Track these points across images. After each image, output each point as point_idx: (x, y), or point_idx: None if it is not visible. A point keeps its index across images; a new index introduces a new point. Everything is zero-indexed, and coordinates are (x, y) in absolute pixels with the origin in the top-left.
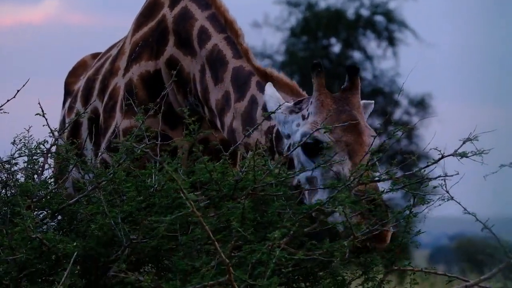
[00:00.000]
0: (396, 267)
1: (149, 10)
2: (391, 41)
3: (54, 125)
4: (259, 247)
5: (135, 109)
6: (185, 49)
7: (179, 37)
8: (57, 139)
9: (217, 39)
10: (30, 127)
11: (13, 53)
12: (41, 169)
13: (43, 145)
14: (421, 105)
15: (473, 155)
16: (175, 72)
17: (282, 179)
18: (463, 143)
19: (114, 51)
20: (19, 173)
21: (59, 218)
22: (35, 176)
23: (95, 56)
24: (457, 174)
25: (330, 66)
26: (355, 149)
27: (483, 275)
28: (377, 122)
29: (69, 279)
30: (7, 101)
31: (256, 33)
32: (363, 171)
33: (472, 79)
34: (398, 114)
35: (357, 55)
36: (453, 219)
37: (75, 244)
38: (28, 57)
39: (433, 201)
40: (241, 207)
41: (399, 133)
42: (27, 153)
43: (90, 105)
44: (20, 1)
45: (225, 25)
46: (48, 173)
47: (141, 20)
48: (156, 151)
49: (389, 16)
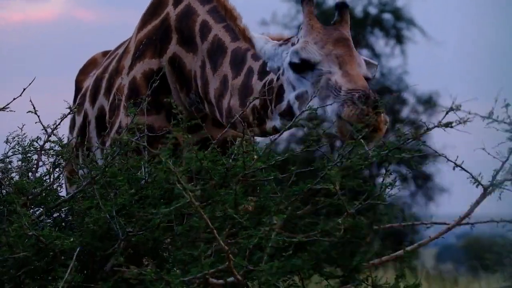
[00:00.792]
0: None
1: (154, 8)
2: (399, 39)
3: (51, 122)
4: (255, 232)
5: (127, 105)
6: (188, 46)
7: (182, 35)
8: (49, 136)
9: (216, 30)
10: (23, 125)
11: (22, 50)
12: (35, 166)
13: (37, 142)
14: (428, 103)
15: (457, 125)
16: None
17: (271, 163)
18: (446, 113)
19: (121, 50)
20: (14, 172)
21: (55, 215)
22: (30, 173)
23: (105, 54)
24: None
25: None
26: (346, 60)
27: (491, 274)
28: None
29: (69, 275)
30: (13, 99)
31: (264, 31)
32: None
33: (481, 76)
34: (405, 112)
35: (365, 53)
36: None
37: (72, 240)
38: (36, 54)
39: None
40: (233, 193)
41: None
42: (20, 151)
43: (98, 105)
44: None
45: (225, 15)
46: (42, 170)
47: (146, 18)
48: (154, 147)
49: (397, 14)
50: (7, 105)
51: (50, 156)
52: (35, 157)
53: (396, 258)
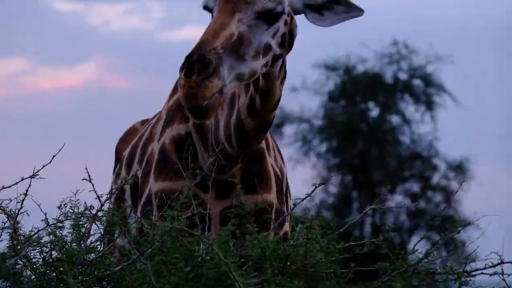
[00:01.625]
0: None
1: None
2: (429, 105)
3: (99, 190)
4: None
5: (166, 171)
6: None
7: None
8: (103, 204)
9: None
10: (77, 191)
11: (52, 117)
12: (87, 233)
13: (89, 210)
14: (459, 169)
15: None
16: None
17: (334, 258)
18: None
19: (155, 118)
20: (65, 237)
21: (103, 284)
22: (81, 241)
23: (144, 122)
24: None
25: (368, 130)
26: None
27: None
28: (415, 186)
29: None
30: (43, 166)
31: (294, 97)
32: None
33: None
34: (436, 178)
35: (395, 119)
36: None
37: None
38: (67, 121)
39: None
40: (294, 286)
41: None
42: (73, 217)
43: (132, 172)
44: (58, 63)
45: None
46: (94, 238)
47: (176, 86)
48: (203, 218)
49: (427, 79)
50: (37, 172)
51: (102, 223)
52: (88, 224)
53: None
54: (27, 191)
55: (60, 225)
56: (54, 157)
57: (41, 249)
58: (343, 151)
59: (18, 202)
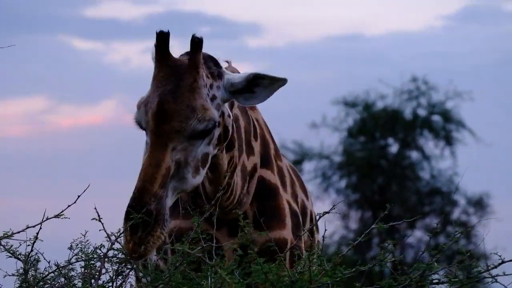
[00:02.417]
0: None
1: None
2: (449, 141)
3: (114, 228)
4: None
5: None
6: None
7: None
8: (113, 243)
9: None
10: (86, 232)
11: (73, 156)
12: (98, 273)
13: (100, 249)
14: (479, 204)
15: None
16: None
17: (338, 279)
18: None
19: None
20: (76, 278)
21: None
22: (92, 280)
23: None
24: None
25: (387, 166)
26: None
27: None
28: (435, 221)
29: None
30: (68, 206)
31: (314, 133)
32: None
33: None
34: (456, 213)
35: (414, 155)
36: None
37: None
38: (88, 158)
39: None
40: None
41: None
42: (83, 258)
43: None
44: (79, 102)
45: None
46: (105, 278)
47: None
48: (211, 254)
49: (447, 115)
50: (62, 212)
51: (113, 263)
52: (98, 264)
53: None
54: (38, 234)
55: (71, 266)
56: (79, 197)
57: None
58: (362, 187)
59: (28, 245)
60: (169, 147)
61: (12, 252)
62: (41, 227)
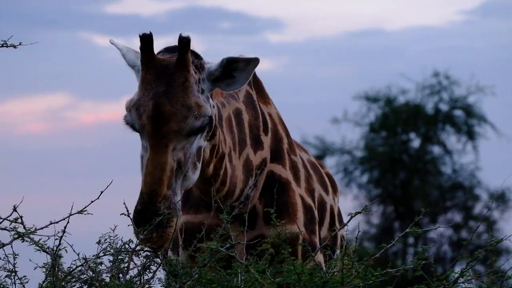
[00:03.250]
0: None
1: None
2: (471, 136)
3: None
4: None
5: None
6: None
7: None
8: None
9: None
10: (115, 227)
11: (95, 151)
12: (126, 268)
13: (128, 244)
14: (501, 199)
15: None
16: None
17: (370, 282)
18: None
19: None
20: (104, 272)
21: None
22: (120, 275)
23: None
24: None
25: (409, 161)
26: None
27: None
28: (458, 216)
29: None
30: (91, 202)
31: (335, 129)
32: None
33: None
34: (478, 208)
35: (436, 150)
36: None
37: None
38: (109, 155)
39: None
40: None
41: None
42: (112, 252)
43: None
44: (100, 98)
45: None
46: (133, 272)
47: None
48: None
49: (468, 110)
50: (85, 208)
51: (141, 258)
52: (127, 258)
53: None
54: (65, 227)
55: (99, 260)
56: (102, 193)
57: (81, 286)
58: (384, 182)
59: (56, 239)
60: (170, 148)
61: (40, 245)
62: (69, 221)
